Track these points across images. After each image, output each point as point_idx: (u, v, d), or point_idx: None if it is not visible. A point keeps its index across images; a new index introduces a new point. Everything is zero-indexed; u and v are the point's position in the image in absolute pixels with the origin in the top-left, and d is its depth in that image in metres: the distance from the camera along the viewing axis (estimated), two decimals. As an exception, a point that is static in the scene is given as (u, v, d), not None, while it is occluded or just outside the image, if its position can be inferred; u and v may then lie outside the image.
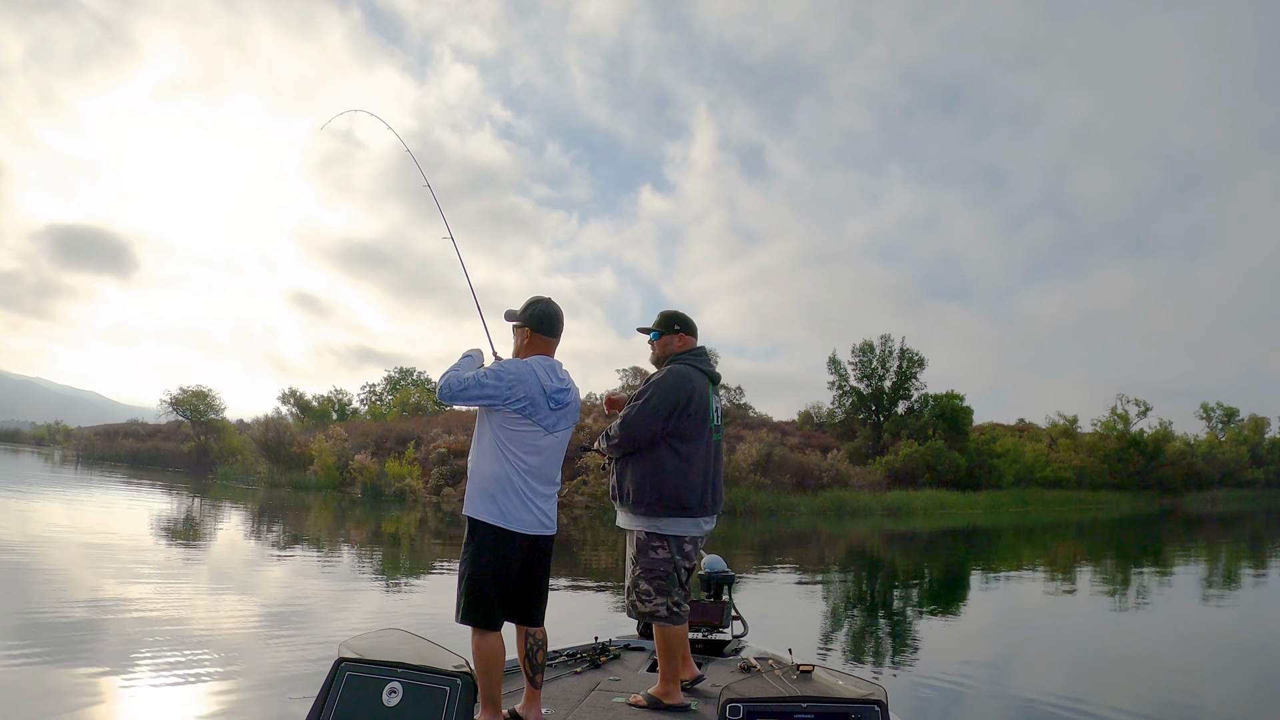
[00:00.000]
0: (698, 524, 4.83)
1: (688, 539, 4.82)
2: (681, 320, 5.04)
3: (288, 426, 52.82)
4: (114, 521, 22.75)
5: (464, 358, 4.40)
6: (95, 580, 12.50)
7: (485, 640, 4.12)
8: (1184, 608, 14.29)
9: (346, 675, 3.55)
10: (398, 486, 38.73)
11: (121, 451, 66.16)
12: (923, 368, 54.28)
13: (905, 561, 22.04)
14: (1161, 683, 8.85)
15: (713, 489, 4.87)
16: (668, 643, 4.75)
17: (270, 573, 14.93)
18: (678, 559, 4.80)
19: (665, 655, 4.75)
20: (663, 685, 4.70)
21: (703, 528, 4.86)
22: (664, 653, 4.75)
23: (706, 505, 4.83)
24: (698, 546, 4.93)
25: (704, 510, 4.83)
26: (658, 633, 4.79)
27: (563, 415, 4.37)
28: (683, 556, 4.82)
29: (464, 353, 4.45)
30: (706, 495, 4.82)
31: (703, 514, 4.83)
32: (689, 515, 4.78)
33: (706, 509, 4.84)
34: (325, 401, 71.79)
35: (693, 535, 4.83)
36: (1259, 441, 69.35)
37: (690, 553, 4.86)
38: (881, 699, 3.51)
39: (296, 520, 26.78)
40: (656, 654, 4.99)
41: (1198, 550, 26.10)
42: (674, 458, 4.74)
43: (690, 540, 4.84)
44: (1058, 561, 22.28)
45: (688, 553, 4.84)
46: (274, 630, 9.77)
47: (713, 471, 4.88)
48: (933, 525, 34.08)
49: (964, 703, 7.83)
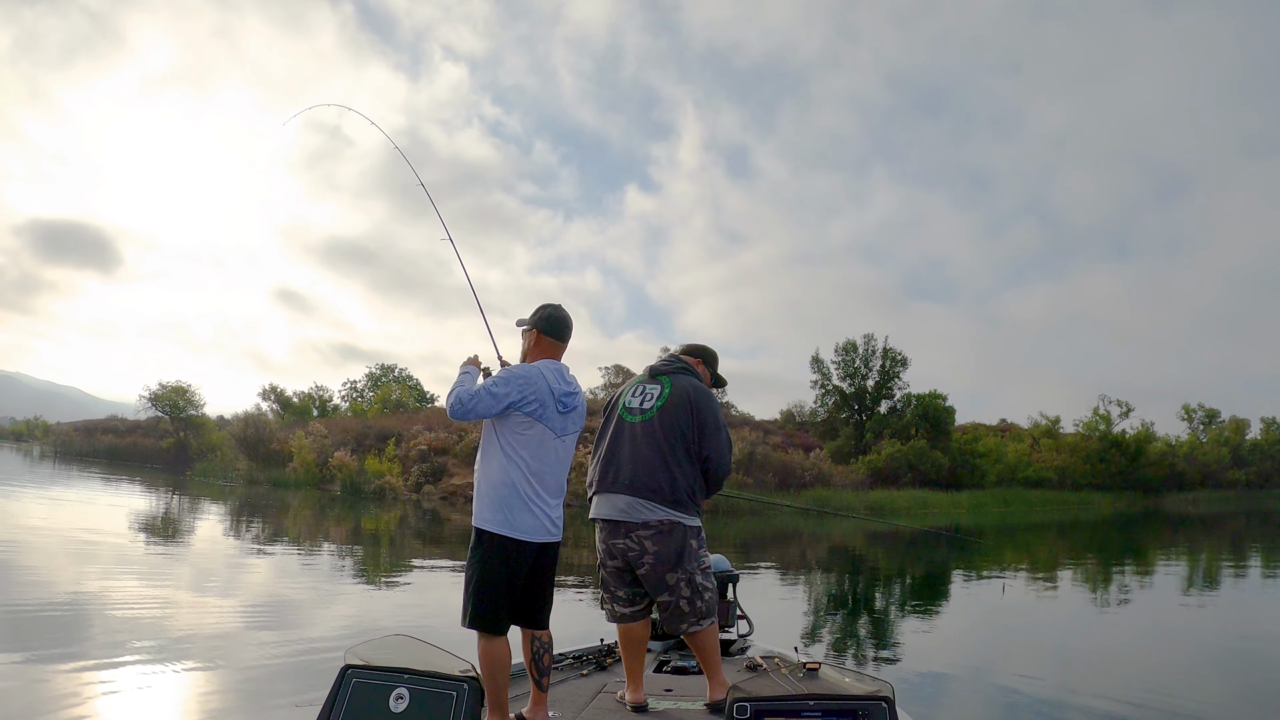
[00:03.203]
0: (603, 500, 4.70)
1: (600, 521, 4.70)
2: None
3: (267, 423, 52.62)
4: (87, 519, 22.50)
5: (462, 373, 4.33)
6: (74, 580, 12.30)
7: (491, 644, 4.07)
8: (1166, 607, 14.34)
9: (353, 682, 3.51)
10: (377, 484, 38.54)
11: (100, 447, 65.82)
12: (905, 367, 54.48)
13: (890, 561, 22.03)
14: (1145, 678, 8.84)
15: (615, 467, 4.71)
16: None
17: (250, 572, 14.76)
18: (600, 546, 4.74)
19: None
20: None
21: (614, 503, 4.66)
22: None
23: (606, 480, 4.71)
24: (623, 532, 4.63)
25: (603, 486, 4.71)
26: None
27: (571, 418, 4.33)
28: (602, 542, 4.71)
29: (461, 369, 4.38)
30: (608, 472, 4.72)
31: (603, 490, 4.71)
32: (594, 493, 4.76)
33: (605, 483, 4.70)
34: (306, 398, 71.40)
35: (604, 516, 4.68)
36: (1240, 443, 70.06)
37: (606, 537, 4.69)
38: (889, 695, 3.45)
39: (273, 518, 26.55)
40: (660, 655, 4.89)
41: (1179, 551, 26.25)
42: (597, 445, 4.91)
43: (605, 524, 4.68)
44: (1040, 561, 22.33)
45: (604, 538, 4.70)
46: (261, 631, 9.63)
47: (621, 453, 4.73)
48: (915, 525, 34.12)
49: (965, 699, 7.77)
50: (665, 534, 4.55)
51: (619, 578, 4.70)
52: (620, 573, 4.69)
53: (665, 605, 4.59)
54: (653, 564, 4.55)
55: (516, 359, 4.56)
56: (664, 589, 4.56)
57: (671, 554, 4.54)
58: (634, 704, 4.61)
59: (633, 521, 4.56)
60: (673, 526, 4.56)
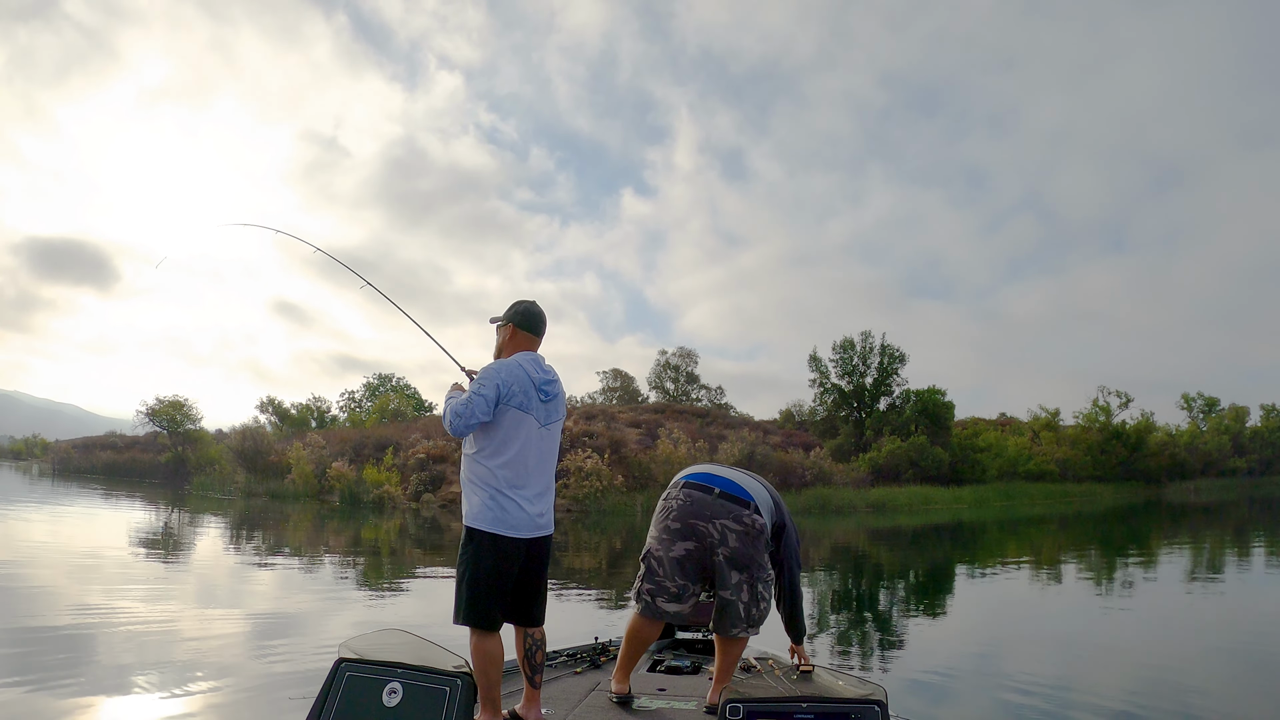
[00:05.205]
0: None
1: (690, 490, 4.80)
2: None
3: (265, 435, 52.49)
4: (87, 536, 22.42)
5: (449, 397, 4.32)
6: (77, 596, 12.24)
7: (484, 641, 4.04)
8: (1171, 597, 14.30)
9: (346, 675, 3.51)
10: (376, 493, 38.46)
11: (99, 464, 65.87)
12: (904, 363, 54.53)
13: (892, 558, 21.98)
14: (1151, 672, 8.81)
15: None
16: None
17: (249, 582, 14.69)
18: (671, 525, 4.76)
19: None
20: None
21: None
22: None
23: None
24: (708, 515, 4.61)
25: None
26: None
27: (553, 406, 4.34)
28: (678, 521, 4.72)
29: (448, 394, 4.37)
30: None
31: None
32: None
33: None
34: (304, 409, 71.37)
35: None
36: (1240, 430, 70.02)
37: (687, 516, 4.71)
38: (881, 699, 3.48)
39: (273, 530, 26.47)
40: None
41: (1183, 540, 26.21)
42: None
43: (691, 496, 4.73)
44: (1043, 555, 22.28)
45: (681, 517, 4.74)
46: (264, 638, 9.58)
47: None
48: (917, 521, 34.11)
49: (962, 699, 7.70)
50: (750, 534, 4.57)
51: (679, 567, 4.63)
52: (682, 561, 4.63)
53: (725, 602, 4.57)
54: (728, 556, 4.54)
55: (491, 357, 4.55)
56: (729, 585, 4.55)
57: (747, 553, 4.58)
58: (619, 695, 4.60)
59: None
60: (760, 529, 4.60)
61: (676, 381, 70.42)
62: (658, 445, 40.32)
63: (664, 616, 4.62)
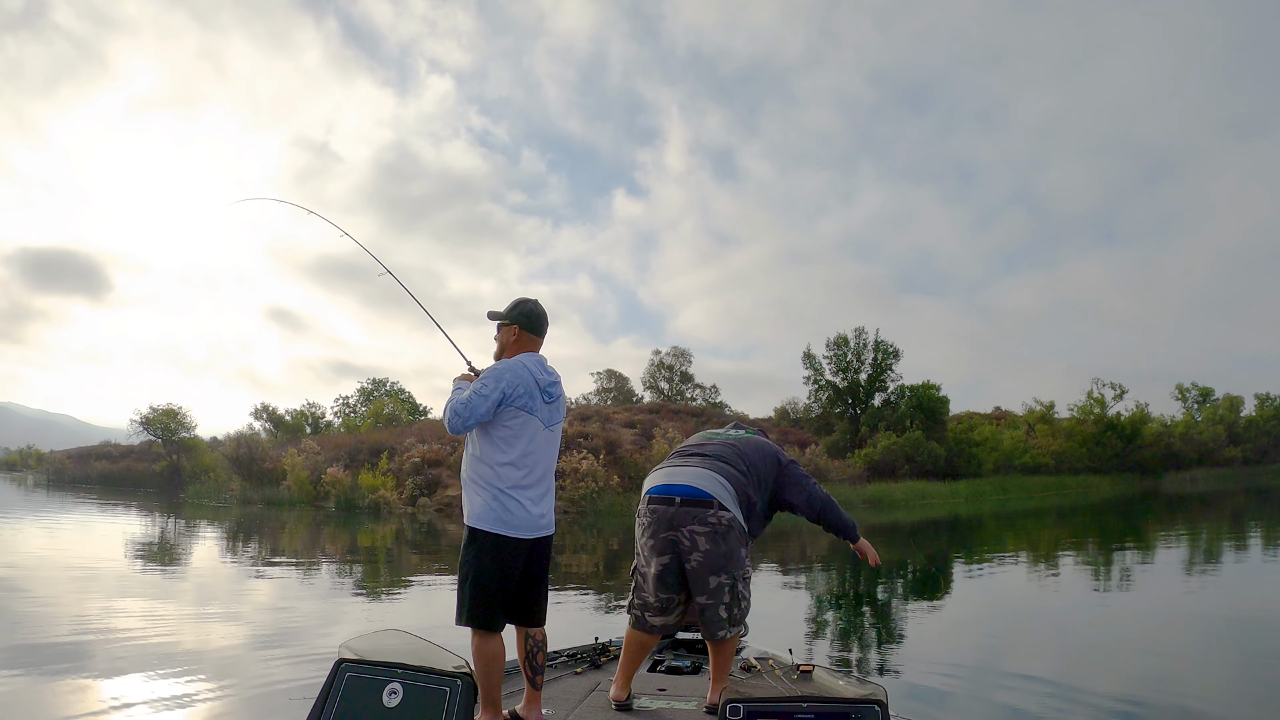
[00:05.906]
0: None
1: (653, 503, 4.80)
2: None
3: (260, 442, 52.34)
4: (83, 546, 22.34)
5: (455, 389, 4.30)
6: (75, 605, 12.20)
7: (486, 641, 4.04)
8: (1168, 588, 14.30)
9: (347, 676, 3.50)
10: (371, 499, 38.36)
11: (93, 474, 65.64)
12: (898, 359, 54.63)
13: (890, 553, 21.97)
14: (1149, 664, 8.80)
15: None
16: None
17: (247, 589, 14.64)
18: (651, 542, 4.73)
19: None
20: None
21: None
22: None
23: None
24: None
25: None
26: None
27: (556, 408, 4.34)
28: (651, 537, 4.68)
29: (454, 384, 4.35)
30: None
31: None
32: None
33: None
34: (298, 415, 71.24)
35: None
36: (1235, 420, 70.11)
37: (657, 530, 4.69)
38: (882, 699, 3.47)
39: (268, 536, 26.39)
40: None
41: (1180, 530, 26.24)
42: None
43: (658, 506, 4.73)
44: (1041, 548, 22.29)
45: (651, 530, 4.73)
46: (263, 641, 9.56)
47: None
48: (914, 516, 34.12)
49: (963, 699, 7.67)
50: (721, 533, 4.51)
51: (660, 582, 4.60)
52: (661, 575, 4.59)
53: (704, 607, 4.53)
54: (700, 562, 4.48)
55: (488, 361, 4.52)
56: (706, 591, 4.50)
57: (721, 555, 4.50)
58: (617, 702, 4.58)
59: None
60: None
61: (671, 381, 70.39)
62: (653, 445, 40.30)
63: (653, 630, 4.64)
